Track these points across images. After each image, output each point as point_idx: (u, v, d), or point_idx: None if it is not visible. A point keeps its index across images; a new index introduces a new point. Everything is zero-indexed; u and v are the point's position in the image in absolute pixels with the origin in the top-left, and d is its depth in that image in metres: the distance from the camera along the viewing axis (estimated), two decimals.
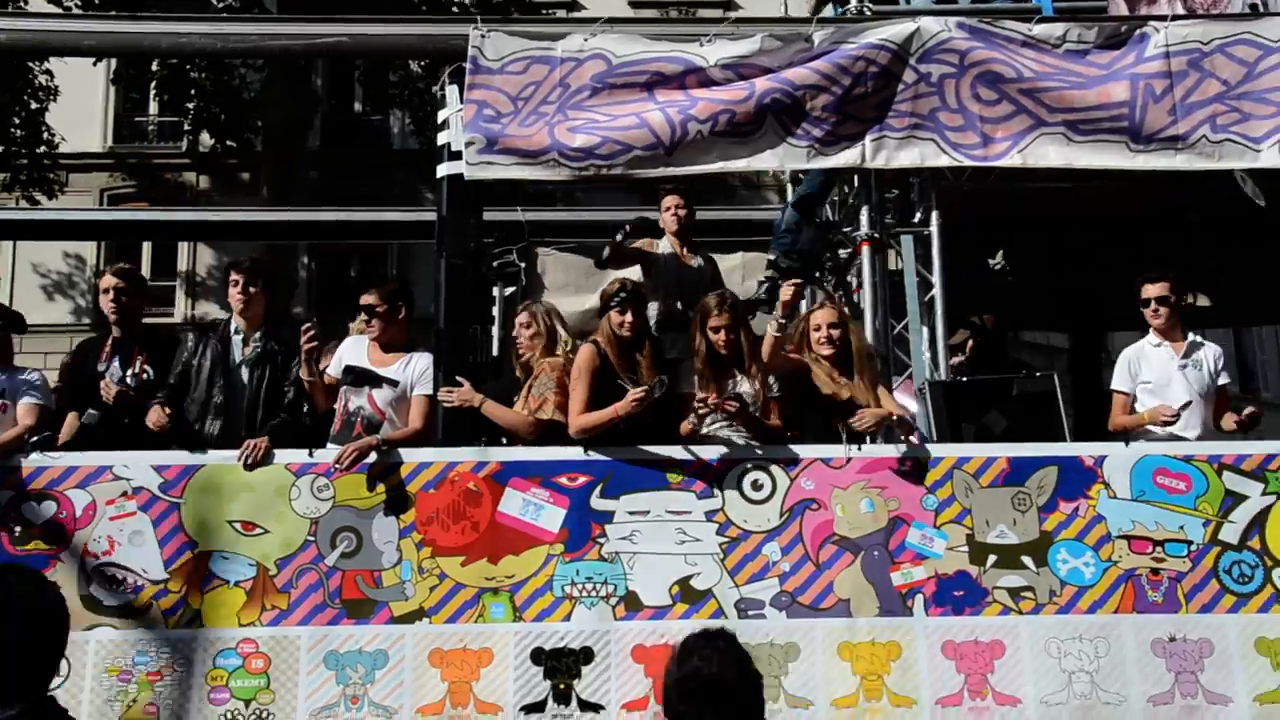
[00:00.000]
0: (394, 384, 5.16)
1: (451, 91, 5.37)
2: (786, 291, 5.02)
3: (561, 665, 4.85)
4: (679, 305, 5.95)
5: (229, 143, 17.93)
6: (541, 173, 5.36)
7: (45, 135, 16.93)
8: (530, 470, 5.05)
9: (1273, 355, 28.96)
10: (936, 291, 5.55)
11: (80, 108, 19.71)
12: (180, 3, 14.61)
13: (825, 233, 6.51)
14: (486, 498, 5.02)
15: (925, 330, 5.64)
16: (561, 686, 4.83)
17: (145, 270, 21.04)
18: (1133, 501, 5.08)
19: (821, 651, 4.90)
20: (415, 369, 5.20)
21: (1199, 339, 5.67)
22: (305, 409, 5.24)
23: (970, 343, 6.38)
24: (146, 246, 20.33)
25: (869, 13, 5.95)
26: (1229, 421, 5.43)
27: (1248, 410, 5.16)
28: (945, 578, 4.99)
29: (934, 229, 5.66)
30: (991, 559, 5.02)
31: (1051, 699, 4.85)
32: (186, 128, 20.01)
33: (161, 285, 21.54)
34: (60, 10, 14.34)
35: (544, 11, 17.18)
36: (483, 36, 5.41)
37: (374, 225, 9.63)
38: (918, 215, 5.79)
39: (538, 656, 4.85)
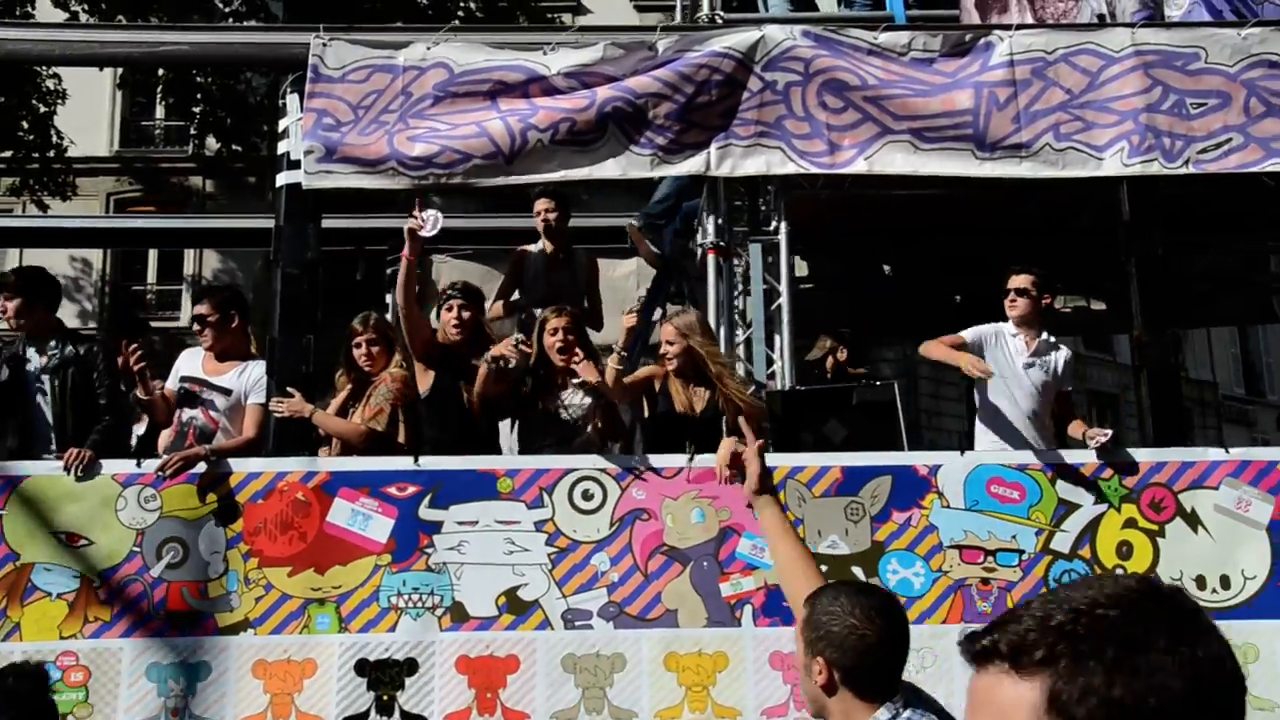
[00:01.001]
0: (226, 393, 5.15)
1: (292, 100, 5.35)
2: (629, 320, 5.00)
3: (385, 676, 4.83)
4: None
5: (235, 147, 17.87)
6: (381, 181, 5.34)
7: (54, 139, 16.87)
8: (359, 480, 5.03)
9: (1278, 358, 28.96)
10: (783, 300, 5.54)
11: (87, 112, 19.69)
12: (187, 9, 14.56)
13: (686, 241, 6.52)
14: (315, 508, 5.00)
15: (779, 339, 5.63)
16: (385, 698, 4.81)
17: (151, 275, 21.11)
18: (966, 511, 5.07)
19: (648, 662, 4.88)
20: (249, 378, 5.19)
21: (1053, 340, 5.67)
22: (135, 412, 5.21)
23: (830, 355, 6.36)
24: (153, 250, 20.40)
25: (720, 21, 5.94)
26: (1077, 429, 5.42)
27: (1100, 438, 5.14)
28: (775, 588, 4.96)
29: (782, 237, 5.65)
30: (822, 569, 4.97)
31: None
32: (193, 132, 19.99)
33: (168, 289, 21.58)
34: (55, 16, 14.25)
35: (549, 18, 17.13)
36: (324, 45, 5.39)
37: (222, 233, 9.51)
38: (774, 224, 5.78)
39: (362, 668, 4.83)
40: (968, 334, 5.59)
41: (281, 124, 5.43)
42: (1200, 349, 18.91)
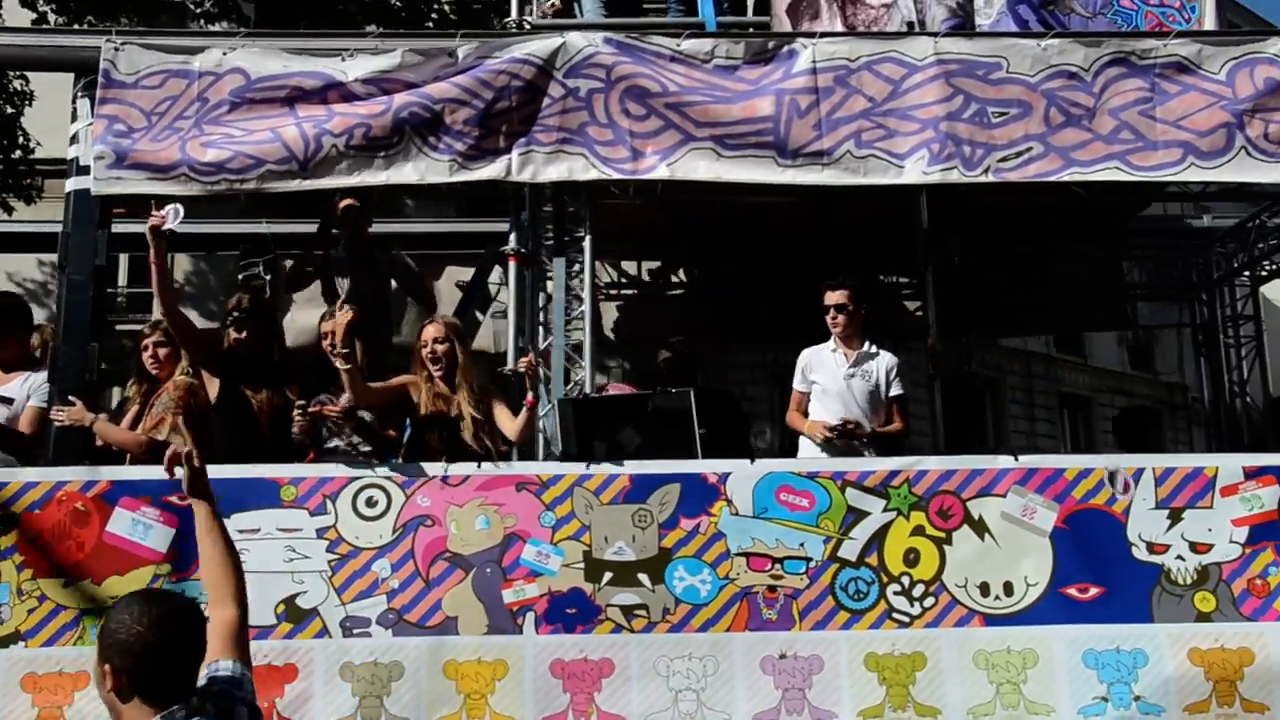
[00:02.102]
0: (8, 402, 5.09)
1: (83, 105, 5.30)
2: (343, 315, 4.94)
3: None
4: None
5: None
6: (173, 188, 5.29)
7: (21, 140, 16.56)
8: (141, 489, 4.97)
9: None
10: (585, 308, 5.53)
11: (55, 113, 19.37)
12: (156, 9, 14.34)
13: None
14: (95, 518, 4.93)
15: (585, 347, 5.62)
16: None
17: (123, 277, 20.94)
18: (754, 519, 5.06)
19: (426, 670, 4.85)
20: (32, 386, 5.13)
21: (873, 349, 5.70)
22: None
23: (667, 364, 6.35)
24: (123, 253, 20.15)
25: (529, 26, 5.94)
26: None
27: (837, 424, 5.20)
28: (559, 595, 4.95)
29: (586, 245, 5.64)
30: (607, 576, 4.99)
31: (656, 717, 4.83)
32: None
33: (139, 292, 21.28)
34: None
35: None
36: (116, 50, 5.35)
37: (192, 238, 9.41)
38: (587, 233, 5.77)
39: None
40: (795, 383, 5.72)
41: (71, 129, 5.37)
42: (1169, 352, 18.89)
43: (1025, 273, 7.93)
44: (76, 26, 10.01)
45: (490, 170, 5.47)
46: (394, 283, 6.37)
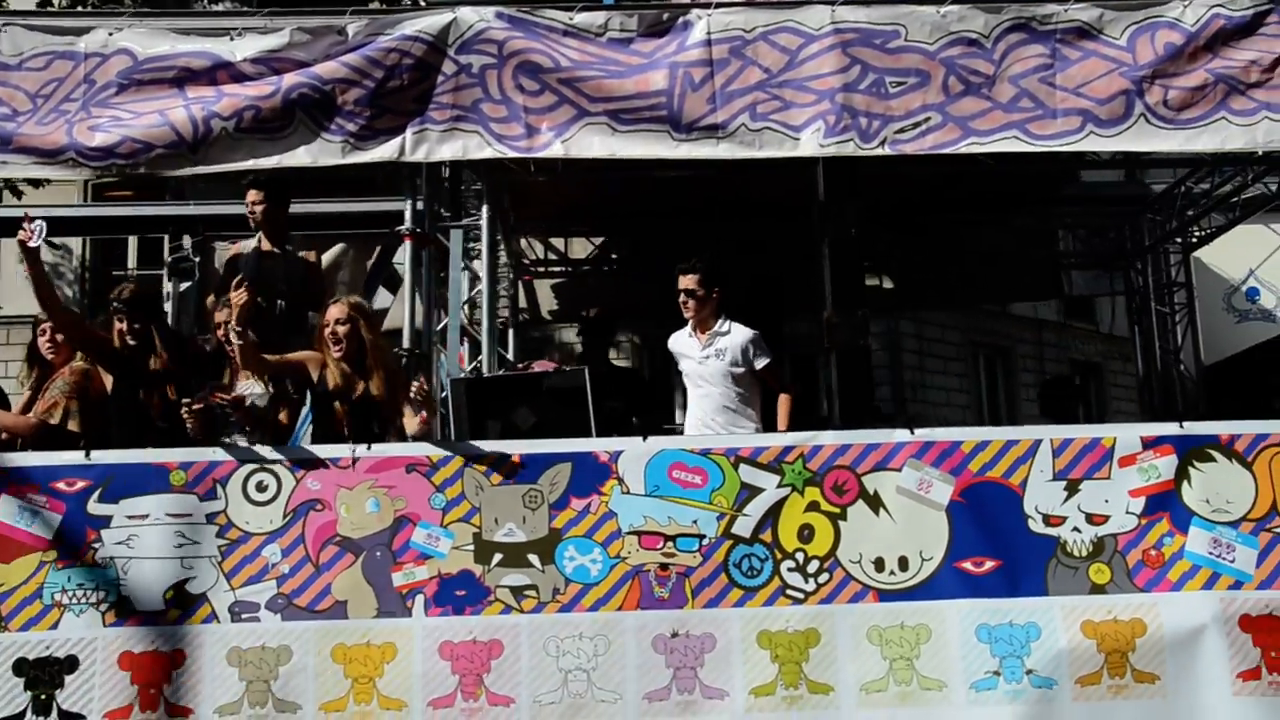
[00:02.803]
0: None
1: None
2: (237, 296, 4.92)
3: (44, 675, 4.76)
4: (260, 300, 5.88)
5: None
6: (62, 172, 5.26)
7: None
8: (27, 475, 4.95)
9: None
10: (483, 286, 5.48)
11: None
12: None
13: None
14: None
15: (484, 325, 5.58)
16: (43, 697, 4.74)
17: (132, 260, 20.94)
18: (646, 497, 5.03)
19: (314, 655, 4.83)
20: None
21: (724, 327, 5.65)
22: None
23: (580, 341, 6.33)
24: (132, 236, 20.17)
25: (424, 4, 5.87)
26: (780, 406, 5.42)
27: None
28: (448, 577, 4.93)
29: (484, 222, 5.58)
30: (497, 557, 4.97)
31: (545, 698, 4.81)
32: None
33: (149, 274, 21.28)
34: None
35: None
36: None
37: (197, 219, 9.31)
38: (485, 210, 5.71)
39: (20, 667, 4.76)
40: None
41: None
42: None
43: (956, 242, 7.87)
44: (80, 9, 9.96)
45: (384, 151, 5.41)
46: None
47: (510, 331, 7.97)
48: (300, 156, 5.34)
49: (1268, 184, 6.45)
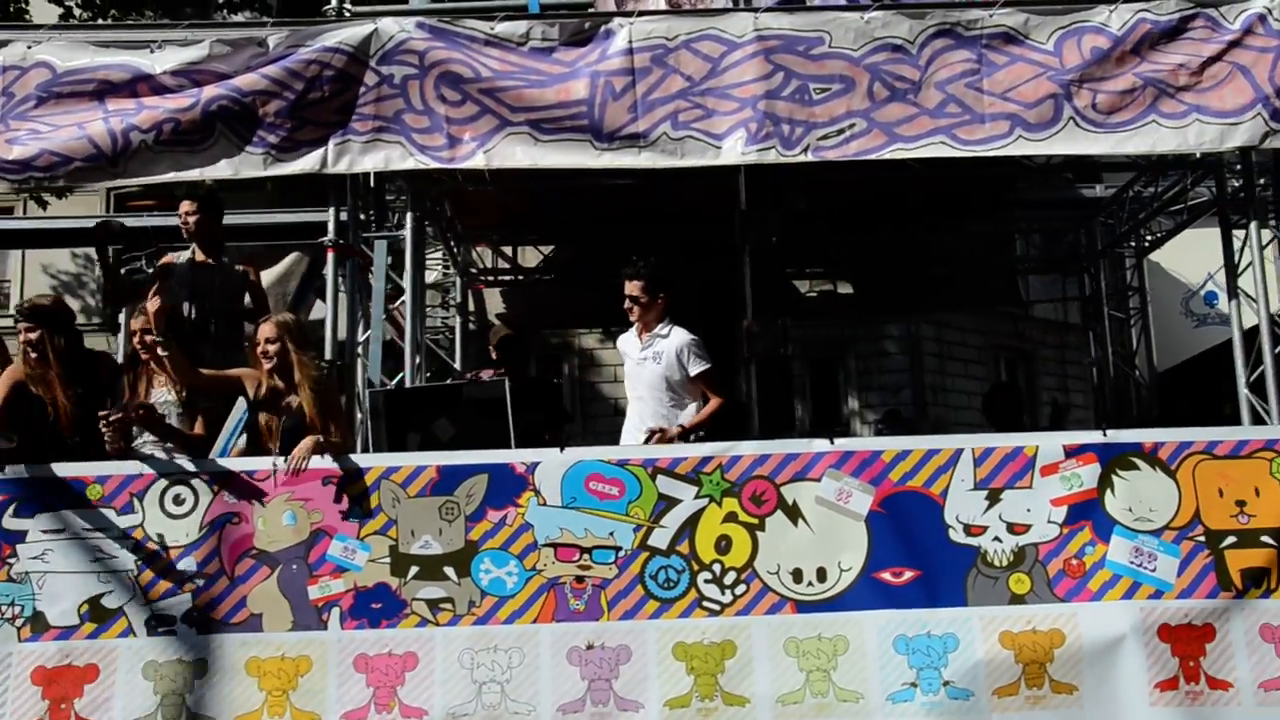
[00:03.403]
0: None
1: None
2: (152, 303, 4.93)
3: None
4: (192, 312, 5.89)
5: None
6: None
7: None
8: None
9: None
10: (407, 297, 5.47)
11: None
12: (181, 3, 14.25)
13: None
14: None
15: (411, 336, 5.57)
16: None
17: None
18: (563, 508, 5.01)
19: (229, 667, 4.83)
20: None
21: (664, 330, 5.60)
22: None
23: (496, 353, 6.29)
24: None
25: (349, 14, 5.86)
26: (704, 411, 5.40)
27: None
28: (364, 590, 4.92)
29: (407, 233, 5.57)
30: (414, 570, 4.95)
31: (458, 710, 4.79)
32: None
33: None
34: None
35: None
36: None
37: None
38: (409, 221, 5.69)
39: None
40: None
41: None
42: None
43: (912, 248, 7.82)
44: (101, 22, 9.97)
45: (305, 162, 5.42)
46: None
47: (458, 340, 7.97)
48: (222, 169, 5.34)
49: (1210, 187, 6.37)
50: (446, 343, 7.94)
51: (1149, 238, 7.82)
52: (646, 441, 5.52)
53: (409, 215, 5.62)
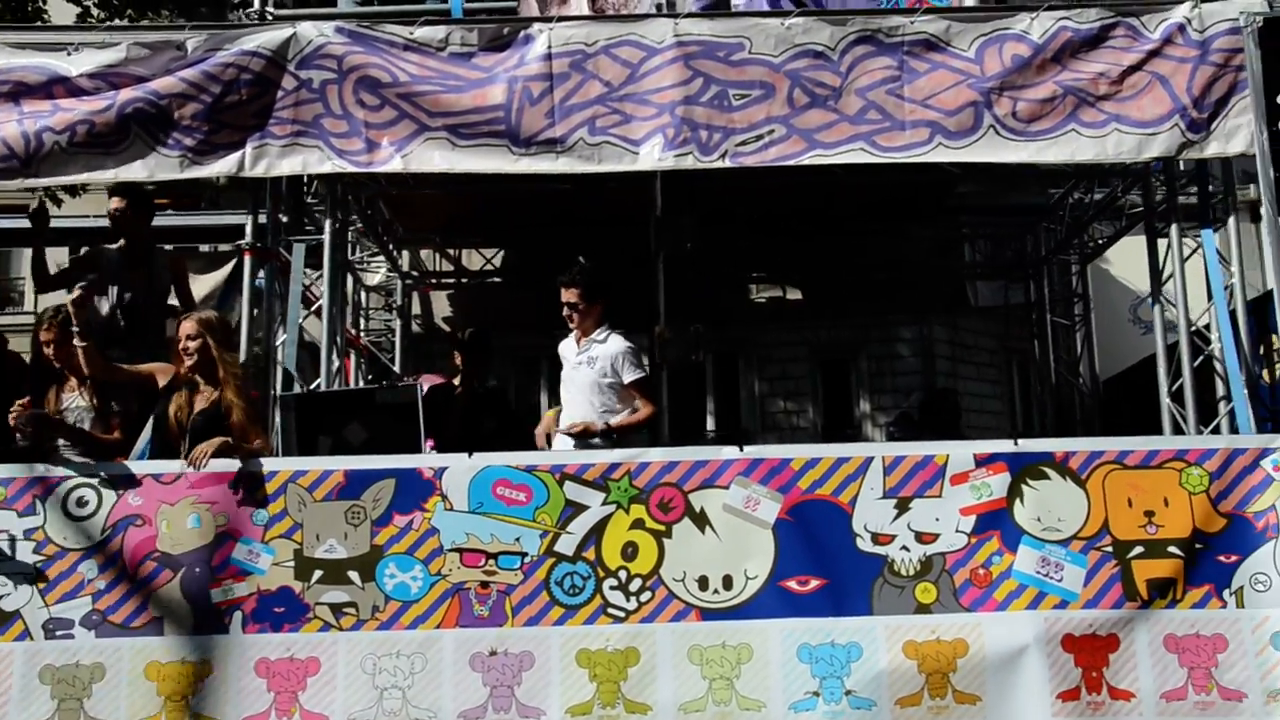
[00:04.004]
0: None
1: None
2: (74, 295, 4.92)
3: None
4: (118, 308, 5.90)
5: None
6: None
7: None
8: None
9: None
10: (324, 302, 5.46)
11: None
12: (197, 2, 14.21)
13: None
14: None
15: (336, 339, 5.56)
16: None
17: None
18: (470, 514, 4.99)
19: (128, 672, 4.81)
20: None
21: (602, 335, 5.61)
22: None
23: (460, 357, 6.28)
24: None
25: (270, 18, 5.86)
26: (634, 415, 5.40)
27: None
28: (267, 594, 4.90)
29: (326, 237, 5.56)
30: (317, 574, 4.94)
31: (360, 716, 4.77)
32: None
33: None
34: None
35: None
36: None
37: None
38: (328, 225, 5.67)
39: None
40: None
41: None
42: None
43: (857, 252, 7.80)
44: (117, 23, 9.92)
45: (223, 165, 5.40)
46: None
47: (398, 344, 7.97)
48: (136, 171, 5.33)
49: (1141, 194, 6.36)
50: (390, 345, 7.94)
51: (1092, 244, 7.80)
52: (569, 432, 5.52)
53: (328, 220, 5.61)
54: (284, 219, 5.65)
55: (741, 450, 5.08)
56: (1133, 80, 5.42)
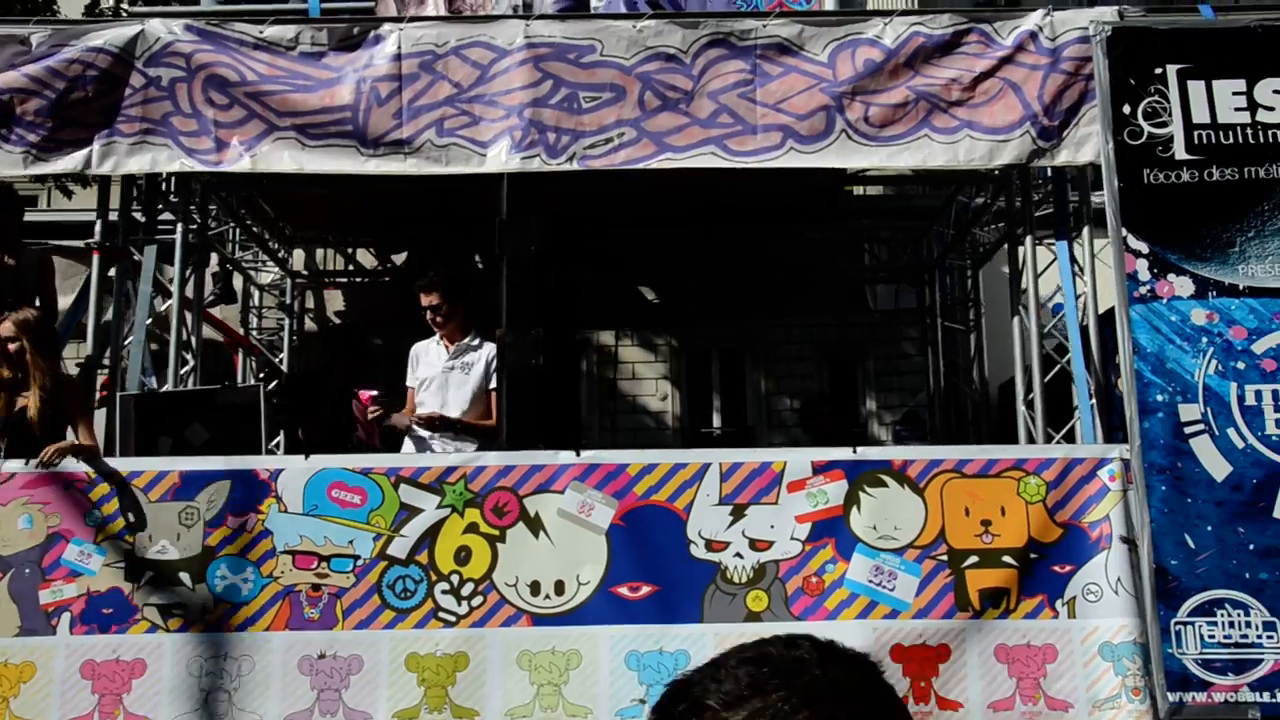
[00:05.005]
0: None
1: None
2: None
3: None
4: None
5: None
6: None
7: None
8: None
9: None
10: (174, 302, 5.43)
11: None
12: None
13: None
14: None
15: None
16: None
17: None
18: (304, 516, 4.98)
19: None
20: None
21: (475, 340, 5.61)
22: None
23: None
24: None
25: (125, 15, 5.82)
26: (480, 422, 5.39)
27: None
28: (97, 595, 4.88)
29: (177, 236, 5.53)
30: (148, 575, 4.92)
31: (184, 719, 4.76)
32: None
33: None
34: None
35: None
36: None
37: None
38: (180, 227, 5.64)
39: None
40: (408, 379, 5.89)
41: None
42: None
43: (745, 254, 7.78)
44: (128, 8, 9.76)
45: (68, 162, 5.37)
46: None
47: (286, 342, 7.94)
48: None
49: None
50: (281, 344, 7.91)
51: (983, 248, 7.76)
52: (418, 420, 5.55)
53: (180, 221, 5.58)
54: (140, 218, 5.59)
55: (578, 455, 5.07)
56: (985, 87, 5.39)
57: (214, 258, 7.15)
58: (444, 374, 5.58)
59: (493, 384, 5.59)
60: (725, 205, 7.70)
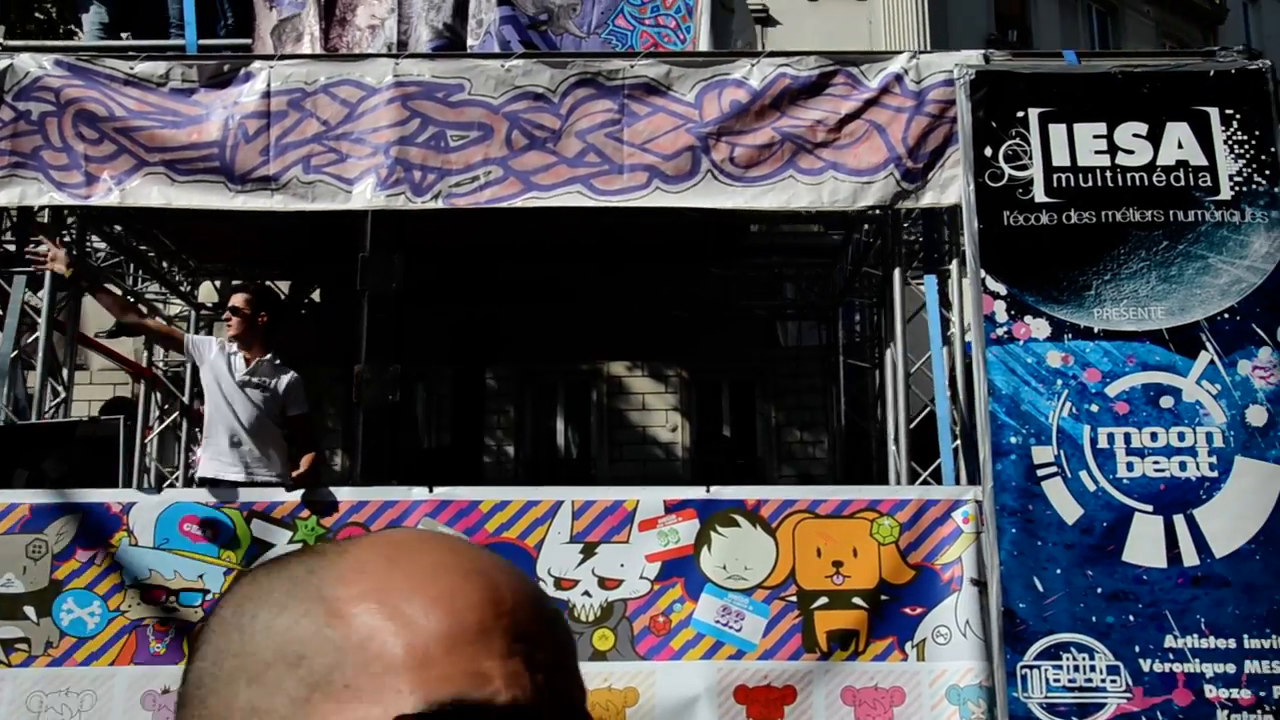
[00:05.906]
0: None
1: None
2: None
3: None
4: None
5: None
6: None
7: None
8: None
9: None
10: (40, 334, 5.45)
11: None
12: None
13: None
14: None
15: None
16: None
17: None
18: (155, 550, 4.97)
19: None
20: None
21: (279, 363, 5.42)
22: None
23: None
24: None
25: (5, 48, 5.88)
26: (304, 462, 5.29)
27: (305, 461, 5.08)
28: None
29: (48, 270, 5.55)
30: None
31: None
32: None
33: None
34: None
35: None
36: None
37: None
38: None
39: None
40: (190, 336, 5.78)
41: None
42: None
43: (648, 291, 7.80)
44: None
45: None
46: None
47: (188, 374, 7.94)
48: None
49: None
50: (185, 376, 7.89)
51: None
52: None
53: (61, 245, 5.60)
54: (10, 248, 5.63)
55: (431, 491, 5.07)
56: (850, 128, 5.43)
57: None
58: (237, 387, 5.34)
59: (295, 410, 5.44)
60: (634, 244, 7.73)
